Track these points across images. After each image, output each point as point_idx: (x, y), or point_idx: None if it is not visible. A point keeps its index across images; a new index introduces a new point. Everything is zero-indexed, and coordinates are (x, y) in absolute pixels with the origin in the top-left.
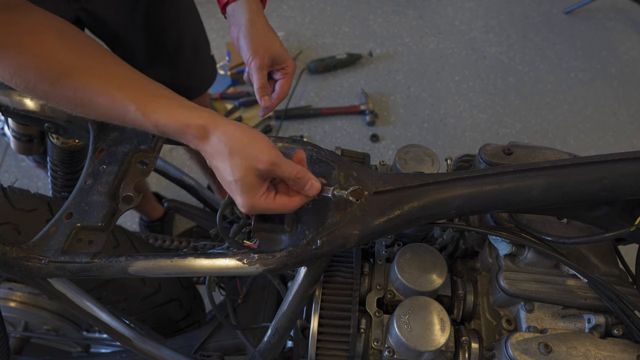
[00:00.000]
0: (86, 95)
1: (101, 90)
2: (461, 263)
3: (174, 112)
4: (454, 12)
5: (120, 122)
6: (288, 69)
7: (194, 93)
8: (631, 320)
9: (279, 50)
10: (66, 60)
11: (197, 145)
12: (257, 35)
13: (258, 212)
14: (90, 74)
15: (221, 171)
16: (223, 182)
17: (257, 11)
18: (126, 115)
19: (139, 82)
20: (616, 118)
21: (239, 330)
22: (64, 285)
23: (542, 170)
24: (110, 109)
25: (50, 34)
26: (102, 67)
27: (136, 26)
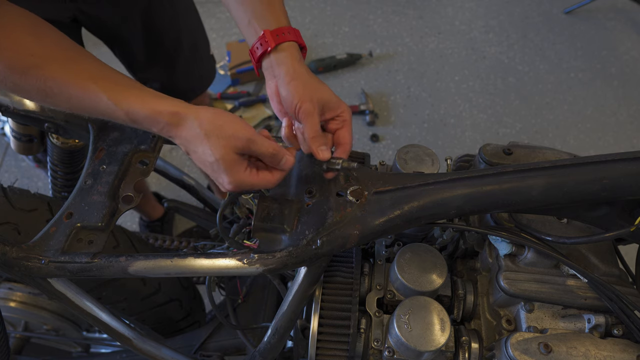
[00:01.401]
0: (56, 84)
1: (72, 81)
2: (461, 263)
3: (146, 100)
4: (454, 12)
5: (91, 112)
6: (344, 115)
7: (193, 92)
8: (631, 320)
9: (330, 96)
10: (37, 52)
11: (170, 132)
12: (301, 81)
13: (244, 188)
14: (61, 65)
15: (200, 154)
16: (204, 166)
17: (299, 59)
18: (98, 104)
19: (110, 74)
20: (616, 118)
21: (239, 330)
22: (64, 285)
23: (542, 170)
24: (81, 99)
25: (22, 29)
26: (73, 60)
27: (134, 26)
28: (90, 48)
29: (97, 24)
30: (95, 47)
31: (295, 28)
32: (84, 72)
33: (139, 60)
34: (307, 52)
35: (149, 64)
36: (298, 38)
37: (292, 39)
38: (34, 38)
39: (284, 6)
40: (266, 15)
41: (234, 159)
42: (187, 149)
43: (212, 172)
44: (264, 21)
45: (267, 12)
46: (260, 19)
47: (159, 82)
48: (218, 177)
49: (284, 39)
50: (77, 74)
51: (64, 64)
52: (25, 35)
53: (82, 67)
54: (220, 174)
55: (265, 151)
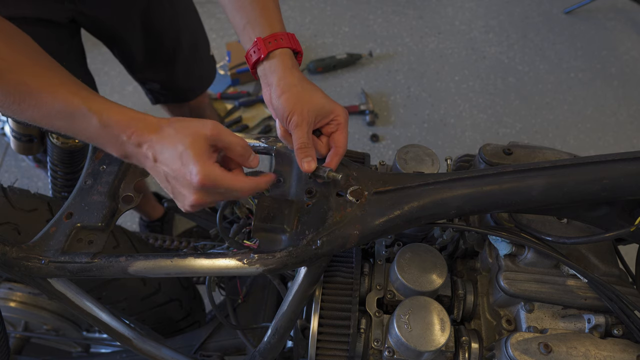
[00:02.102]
0: (27, 89)
1: (44, 86)
2: (461, 263)
3: (121, 108)
4: (454, 12)
5: (61, 118)
6: (339, 119)
7: (193, 92)
8: (631, 320)
9: (322, 101)
10: (8, 57)
11: (141, 137)
12: (292, 90)
13: (213, 181)
14: (32, 70)
15: (168, 153)
16: (173, 161)
17: (291, 67)
18: (68, 108)
19: (83, 85)
20: (616, 118)
21: (239, 330)
22: (64, 285)
23: (542, 170)
24: (51, 105)
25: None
26: (45, 67)
27: (133, 26)
28: (90, 48)
29: (96, 24)
30: (94, 47)
31: (290, 33)
32: (55, 78)
33: (138, 60)
34: (307, 52)
35: (148, 64)
36: (292, 44)
37: (285, 45)
38: (5, 44)
39: (279, 10)
40: (260, 21)
41: (203, 148)
42: (154, 154)
43: (182, 164)
44: (258, 27)
45: (261, 17)
46: (254, 25)
47: (159, 82)
48: (186, 168)
49: (277, 46)
50: (48, 79)
51: (35, 69)
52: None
53: (54, 73)
54: (189, 164)
55: (234, 140)
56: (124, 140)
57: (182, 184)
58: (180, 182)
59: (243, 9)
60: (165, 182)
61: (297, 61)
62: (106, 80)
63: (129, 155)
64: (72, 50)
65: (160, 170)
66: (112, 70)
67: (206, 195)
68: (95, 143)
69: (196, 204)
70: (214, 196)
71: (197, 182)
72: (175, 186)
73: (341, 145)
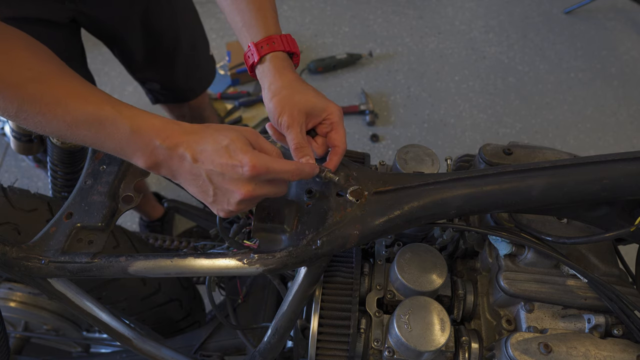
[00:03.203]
0: (54, 98)
1: (71, 94)
2: (461, 263)
3: (153, 115)
4: (454, 12)
5: (89, 126)
6: (331, 118)
7: (193, 92)
8: (631, 320)
9: (313, 100)
10: (35, 67)
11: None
12: (282, 93)
13: (265, 166)
14: (59, 80)
15: (211, 148)
16: (219, 155)
17: (282, 69)
18: (98, 114)
19: (107, 94)
20: (616, 118)
21: (239, 330)
22: (64, 285)
23: (542, 170)
24: (80, 111)
25: (18, 44)
26: (71, 76)
27: (133, 26)
28: (90, 48)
29: (96, 24)
30: (94, 47)
31: (285, 34)
32: (82, 87)
33: (138, 60)
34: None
35: (148, 64)
36: (285, 46)
37: (278, 48)
38: (32, 54)
39: (275, 11)
40: (254, 24)
41: (246, 143)
42: (193, 154)
43: (228, 159)
44: (252, 31)
45: (256, 20)
46: (249, 28)
47: (159, 82)
48: (234, 162)
49: (269, 50)
50: (75, 88)
51: (62, 80)
52: (21, 49)
53: (80, 83)
54: (236, 156)
55: (270, 146)
56: (157, 145)
57: (229, 179)
58: (228, 177)
59: (239, 11)
60: (207, 183)
61: (292, 62)
62: (106, 81)
63: (159, 162)
64: (73, 50)
65: (200, 171)
66: (112, 70)
67: (256, 187)
68: (122, 152)
69: (245, 198)
70: (263, 188)
71: (249, 171)
72: (221, 184)
73: (339, 144)
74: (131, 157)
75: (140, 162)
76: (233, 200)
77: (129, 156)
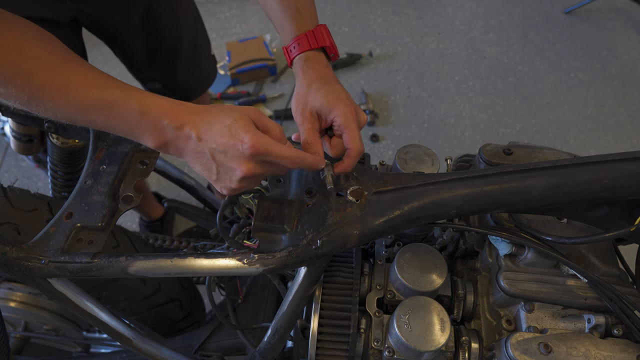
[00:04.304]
0: (64, 83)
1: (80, 79)
2: (461, 263)
3: (161, 96)
4: (454, 12)
5: (98, 109)
6: (338, 120)
7: (194, 92)
8: (631, 320)
9: (321, 100)
10: (43, 56)
11: (183, 119)
12: (300, 92)
13: (265, 147)
14: (68, 66)
15: (216, 127)
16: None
17: (306, 69)
18: (107, 97)
19: (116, 79)
20: (616, 118)
21: (239, 330)
22: (64, 285)
23: (542, 170)
24: (89, 96)
25: (28, 34)
26: (80, 63)
27: (134, 26)
28: (90, 48)
29: (97, 24)
30: (95, 47)
31: (315, 29)
32: (91, 73)
33: (139, 60)
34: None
35: (149, 63)
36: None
37: (304, 48)
38: (40, 44)
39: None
40: (284, 25)
41: (251, 122)
42: (198, 133)
43: (230, 138)
44: (284, 33)
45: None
46: (282, 30)
47: (160, 82)
48: (236, 141)
49: (298, 52)
50: (84, 74)
51: (72, 66)
52: (31, 40)
53: (88, 69)
54: (238, 135)
55: (273, 124)
56: (165, 124)
57: (231, 157)
58: (230, 154)
59: (272, 10)
60: (210, 160)
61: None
62: None
63: (167, 142)
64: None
65: (204, 149)
66: (113, 70)
67: (256, 166)
68: (132, 133)
69: (246, 176)
70: (263, 167)
71: (249, 149)
72: (223, 161)
73: (350, 146)
74: (140, 138)
75: (150, 142)
76: (235, 177)
77: (139, 137)
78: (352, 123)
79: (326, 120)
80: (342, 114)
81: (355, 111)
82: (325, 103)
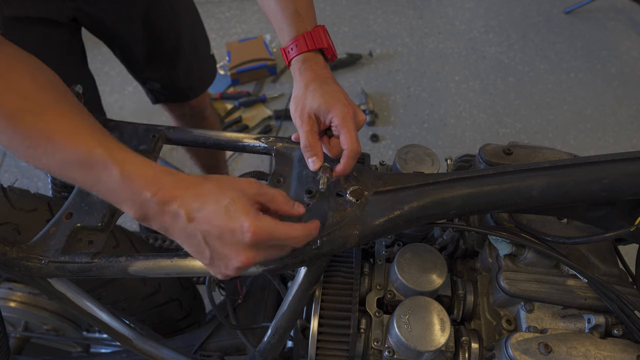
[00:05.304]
0: (45, 134)
1: (63, 130)
2: (461, 263)
3: (148, 161)
4: (454, 12)
5: (78, 167)
6: (335, 121)
7: (194, 92)
8: (631, 320)
9: (319, 101)
10: (32, 95)
11: (169, 194)
12: (298, 93)
13: (268, 232)
14: (53, 112)
15: (210, 207)
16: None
17: (304, 70)
18: (87, 156)
19: (104, 130)
20: (616, 118)
21: (239, 330)
22: (64, 285)
23: (542, 170)
24: (69, 152)
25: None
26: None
27: (134, 26)
28: (90, 47)
29: (97, 23)
30: (94, 46)
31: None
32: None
33: (138, 60)
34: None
35: (149, 64)
36: (310, 45)
37: (302, 50)
38: (32, 80)
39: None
40: (282, 26)
41: (250, 203)
42: (188, 212)
43: (227, 222)
44: (282, 34)
45: (282, 21)
46: (280, 32)
47: (159, 82)
48: (235, 225)
49: (295, 54)
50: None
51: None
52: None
53: (75, 116)
54: (237, 219)
55: (275, 191)
56: (147, 198)
57: (228, 243)
58: (227, 240)
59: (271, 11)
60: (203, 245)
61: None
62: (106, 80)
63: (149, 217)
64: (73, 49)
65: (195, 232)
66: (112, 70)
67: (257, 253)
68: (111, 199)
69: (244, 265)
70: (265, 252)
71: (250, 236)
72: (218, 248)
73: (346, 147)
74: (120, 205)
75: (130, 212)
76: (233, 264)
77: (119, 205)
78: (350, 123)
79: (324, 121)
80: (339, 114)
81: (353, 111)
82: (323, 104)
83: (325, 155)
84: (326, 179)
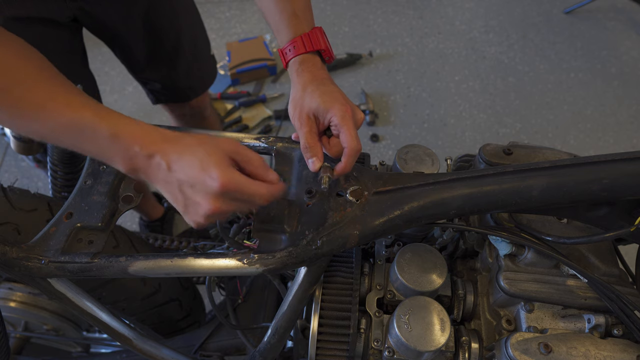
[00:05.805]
0: (34, 102)
1: (51, 98)
2: (461, 263)
3: (133, 120)
4: (454, 12)
5: (69, 131)
6: (334, 120)
7: (194, 92)
8: (631, 320)
9: (318, 101)
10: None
11: (154, 147)
12: (296, 95)
13: (235, 185)
14: (40, 83)
15: (187, 159)
16: (192, 167)
17: (301, 72)
18: (77, 120)
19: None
20: (616, 118)
21: (239, 330)
22: (64, 285)
23: (542, 170)
24: (59, 117)
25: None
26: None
27: (135, 26)
28: (90, 47)
29: (97, 23)
30: (95, 46)
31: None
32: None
33: (139, 60)
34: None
35: (149, 64)
36: (308, 46)
37: (299, 51)
38: (16, 56)
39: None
40: (280, 28)
41: (224, 158)
42: (168, 162)
43: (200, 172)
44: (280, 35)
45: (280, 22)
46: (278, 33)
47: (160, 82)
48: (205, 176)
49: (292, 55)
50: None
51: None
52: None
53: (61, 86)
54: (208, 170)
55: (252, 154)
56: (136, 151)
57: (199, 191)
58: (198, 188)
59: (269, 12)
60: (178, 192)
61: (318, 59)
62: (106, 80)
63: (137, 169)
64: (74, 49)
65: (173, 179)
66: (112, 70)
67: (224, 203)
68: (103, 157)
69: (212, 213)
70: (231, 204)
71: (218, 186)
72: (190, 195)
73: (347, 145)
74: (110, 161)
75: (120, 166)
76: (202, 211)
77: (109, 160)
78: (349, 122)
79: (323, 122)
80: (338, 113)
81: (351, 110)
82: (321, 104)
83: (325, 155)
84: (328, 178)
